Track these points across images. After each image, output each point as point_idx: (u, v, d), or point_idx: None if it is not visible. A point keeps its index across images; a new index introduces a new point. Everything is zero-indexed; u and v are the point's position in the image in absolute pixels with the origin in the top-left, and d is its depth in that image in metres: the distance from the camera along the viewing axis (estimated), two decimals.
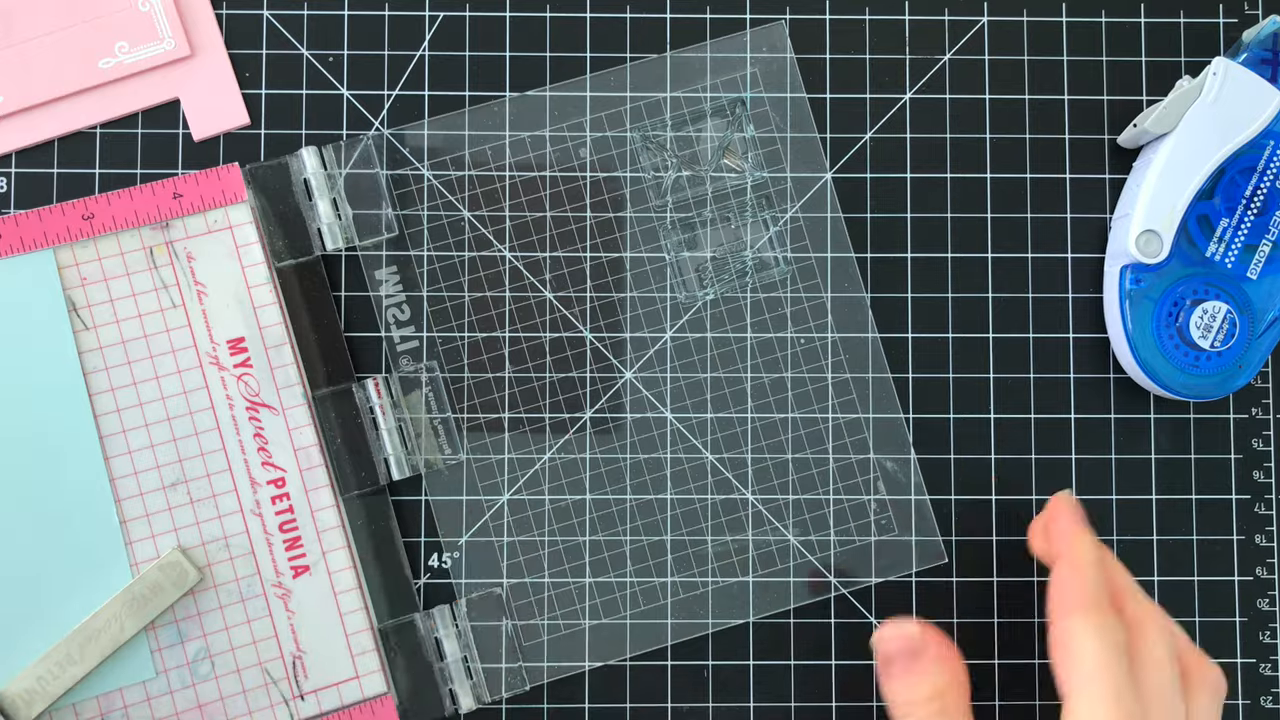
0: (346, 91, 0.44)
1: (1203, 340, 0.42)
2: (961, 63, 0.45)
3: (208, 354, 0.41)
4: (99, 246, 0.41)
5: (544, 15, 0.44)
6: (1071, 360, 0.44)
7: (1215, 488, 0.44)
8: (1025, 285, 0.44)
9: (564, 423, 0.43)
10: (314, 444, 0.41)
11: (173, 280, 0.41)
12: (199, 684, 0.40)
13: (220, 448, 0.41)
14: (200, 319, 0.41)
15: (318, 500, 0.41)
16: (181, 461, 0.41)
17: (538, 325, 0.43)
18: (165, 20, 0.43)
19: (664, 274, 0.43)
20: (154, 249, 0.41)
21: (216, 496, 0.41)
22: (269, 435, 0.41)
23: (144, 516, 0.41)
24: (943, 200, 0.44)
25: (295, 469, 0.41)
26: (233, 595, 0.41)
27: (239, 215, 0.42)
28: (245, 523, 0.41)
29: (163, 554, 0.40)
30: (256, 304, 0.42)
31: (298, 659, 0.41)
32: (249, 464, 0.41)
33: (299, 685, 0.41)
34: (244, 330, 0.41)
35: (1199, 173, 0.42)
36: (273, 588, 0.41)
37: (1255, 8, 0.45)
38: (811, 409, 0.43)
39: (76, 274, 0.41)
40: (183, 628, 0.40)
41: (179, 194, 0.42)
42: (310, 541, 0.41)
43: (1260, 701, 0.43)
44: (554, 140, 0.43)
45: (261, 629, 0.41)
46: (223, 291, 0.41)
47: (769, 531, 0.42)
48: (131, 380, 0.41)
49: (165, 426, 0.41)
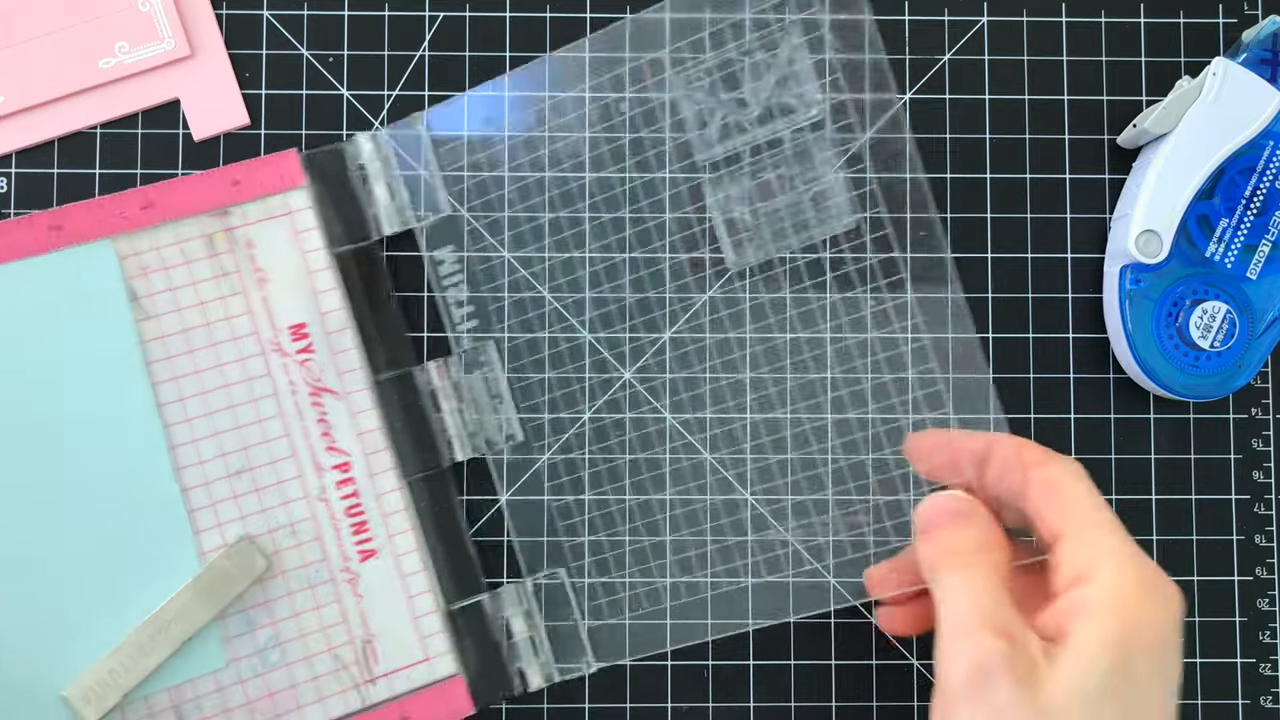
0: (346, 91, 0.44)
1: (1202, 340, 0.42)
2: (961, 63, 0.45)
3: (269, 341, 0.41)
4: (157, 236, 0.41)
5: (544, 15, 0.44)
6: (1071, 360, 0.44)
7: (1215, 488, 0.44)
8: (1025, 285, 0.44)
9: (619, 424, 0.43)
10: (377, 427, 0.41)
11: (233, 267, 0.41)
12: (269, 672, 0.40)
13: (284, 434, 0.41)
14: (261, 306, 0.41)
15: (383, 484, 0.41)
16: (246, 449, 0.41)
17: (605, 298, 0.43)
18: (165, 20, 0.43)
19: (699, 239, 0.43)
20: (213, 236, 0.41)
21: (282, 483, 0.41)
22: (332, 420, 0.41)
23: (210, 505, 0.40)
24: (943, 200, 0.44)
25: (360, 453, 0.41)
26: (301, 581, 0.41)
27: (298, 201, 0.42)
28: (311, 508, 0.41)
29: (230, 542, 0.40)
30: (317, 289, 0.41)
31: (367, 643, 0.41)
32: (313, 449, 0.41)
33: (370, 669, 0.41)
34: (305, 316, 0.41)
35: (1199, 173, 0.42)
36: (340, 573, 0.41)
37: (1255, 8, 0.45)
38: (832, 411, 0.43)
39: (137, 263, 0.41)
40: (251, 616, 0.40)
41: (237, 181, 0.41)
42: (376, 525, 0.41)
43: (1260, 701, 0.43)
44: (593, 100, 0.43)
45: (330, 614, 0.41)
46: (283, 277, 0.41)
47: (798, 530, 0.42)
48: (194, 369, 0.41)
49: (229, 414, 0.41)
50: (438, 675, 0.41)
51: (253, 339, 0.41)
